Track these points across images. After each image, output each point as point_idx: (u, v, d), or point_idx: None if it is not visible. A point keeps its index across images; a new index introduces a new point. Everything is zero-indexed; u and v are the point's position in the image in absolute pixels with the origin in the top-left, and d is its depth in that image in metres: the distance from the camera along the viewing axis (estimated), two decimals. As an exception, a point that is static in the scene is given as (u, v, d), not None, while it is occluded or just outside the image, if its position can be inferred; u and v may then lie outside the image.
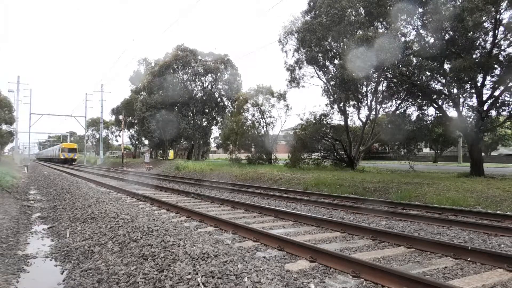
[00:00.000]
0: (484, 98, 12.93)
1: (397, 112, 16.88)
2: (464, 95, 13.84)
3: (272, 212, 7.55)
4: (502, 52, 12.29)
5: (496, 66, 12.23)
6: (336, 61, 19.46)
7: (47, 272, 4.79)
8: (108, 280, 4.01)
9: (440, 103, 14.55)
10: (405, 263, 4.23)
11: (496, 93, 12.79)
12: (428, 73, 13.95)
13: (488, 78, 12.80)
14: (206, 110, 38.36)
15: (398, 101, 16.84)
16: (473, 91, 13.28)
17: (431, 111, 15.61)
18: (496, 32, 12.04)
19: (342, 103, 20.03)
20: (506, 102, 12.66)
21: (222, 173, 20.48)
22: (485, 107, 12.84)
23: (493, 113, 13.41)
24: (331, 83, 19.69)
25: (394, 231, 5.69)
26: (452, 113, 14.76)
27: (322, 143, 20.98)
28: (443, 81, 13.90)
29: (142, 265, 4.12)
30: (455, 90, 13.80)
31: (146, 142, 47.52)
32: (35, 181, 19.16)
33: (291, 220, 6.82)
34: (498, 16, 11.76)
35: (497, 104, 12.78)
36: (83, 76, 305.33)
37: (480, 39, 12.55)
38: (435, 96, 14.53)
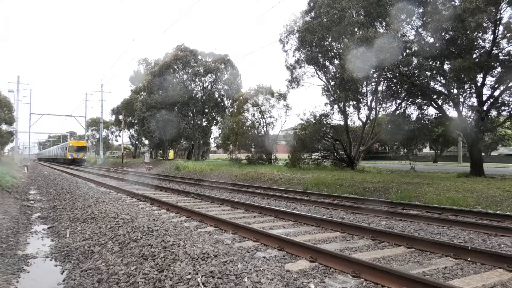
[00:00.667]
0: (484, 98, 12.94)
1: (397, 112, 16.88)
2: (464, 95, 13.85)
3: (272, 212, 7.55)
4: (502, 52, 12.30)
5: (496, 65, 12.24)
6: (336, 61, 19.43)
7: (47, 272, 4.78)
8: (108, 280, 4.01)
9: (440, 103, 14.56)
10: (405, 263, 4.23)
11: (496, 93, 12.81)
12: (428, 73, 13.95)
13: (488, 78, 12.82)
14: (206, 110, 38.34)
15: (398, 101, 16.85)
16: (473, 91, 13.30)
17: (431, 111, 15.67)
18: (496, 31, 12.05)
19: (342, 103, 20.02)
20: (506, 102, 12.68)
21: (222, 173, 20.48)
22: (485, 107, 12.85)
23: (493, 113, 13.42)
24: (331, 83, 19.68)
25: (394, 231, 5.69)
26: (452, 113, 14.80)
27: (322, 143, 20.97)
28: (443, 81, 13.90)
29: (142, 265, 4.11)
30: (455, 90, 13.81)
31: (146, 142, 47.44)
32: (35, 181, 19.15)
33: (291, 220, 6.82)
34: (498, 16, 11.77)
35: (497, 104, 12.79)
36: (83, 76, 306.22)
37: (479, 39, 12.55)
38: (435, 96, 14.53)
